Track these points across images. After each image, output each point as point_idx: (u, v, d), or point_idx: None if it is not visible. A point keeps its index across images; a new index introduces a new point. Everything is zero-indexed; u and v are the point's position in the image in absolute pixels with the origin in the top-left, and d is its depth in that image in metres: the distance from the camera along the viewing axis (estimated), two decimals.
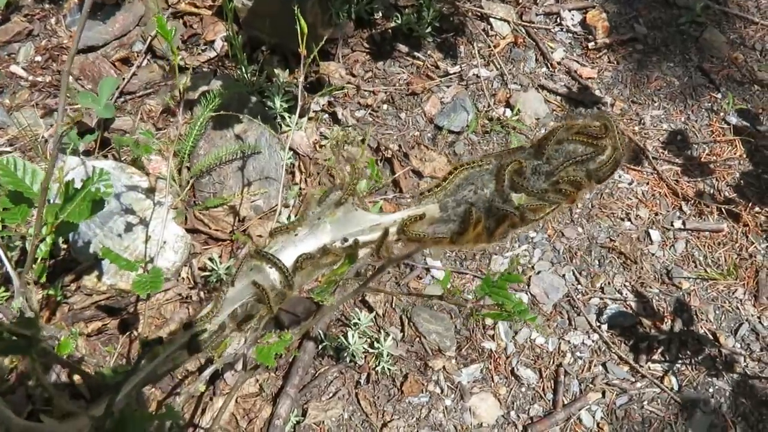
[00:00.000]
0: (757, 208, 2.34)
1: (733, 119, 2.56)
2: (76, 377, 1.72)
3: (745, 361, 2.07)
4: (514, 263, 2.15)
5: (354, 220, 0.88)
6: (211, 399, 1.86)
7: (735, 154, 2.48)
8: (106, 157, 2.18)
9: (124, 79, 2.38)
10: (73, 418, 0.83)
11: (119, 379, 0.78)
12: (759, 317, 2.14)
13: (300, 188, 2.21)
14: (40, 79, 2.37)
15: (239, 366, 1.89)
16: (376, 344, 1.96)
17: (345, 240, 0.89)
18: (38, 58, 2.42)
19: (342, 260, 0.96)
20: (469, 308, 1.15)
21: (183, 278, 2.03)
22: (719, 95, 2.63)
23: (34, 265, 1.49)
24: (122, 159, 2.17)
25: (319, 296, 1.00)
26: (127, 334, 1.93)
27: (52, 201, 1.51)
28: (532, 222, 0.88)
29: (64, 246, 2.00)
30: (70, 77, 2.36)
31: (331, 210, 0.88)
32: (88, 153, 2.19)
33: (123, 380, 0.78)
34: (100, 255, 1.26)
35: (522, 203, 0.87)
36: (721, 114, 2.58)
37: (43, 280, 1.58)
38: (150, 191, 2.02)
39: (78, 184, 1.48)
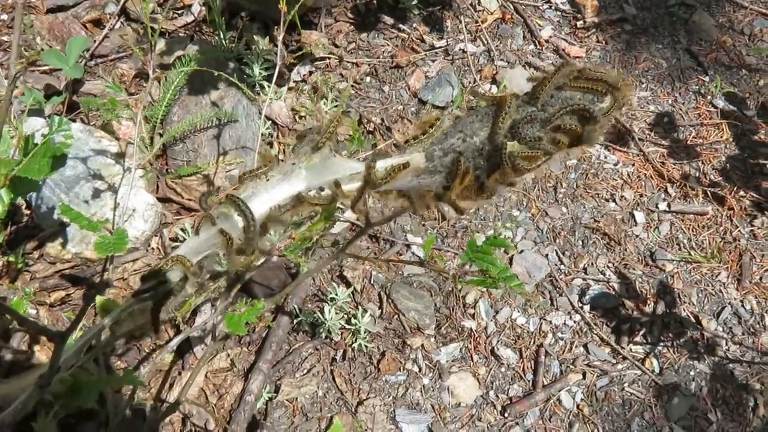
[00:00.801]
0: (742, 192, 2.31)
1: (721, 103, 2.53)
2: (37, 347, 1.63)
3: (726, 344, 2.04)
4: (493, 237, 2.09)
5: (332, 167, 0.81)
6: (179, 374, 1.78)
7: (721, 137, 2.45)
8: (74, 121, 2.08)
9: (95, 41, 2.27)
10: (18, 377, 0.75)
11: (62, 331, 0.70)
12: (741, 301, 2.11)
13: (277, 158, 2.13)
14: (5, 38, 2.25)
15: (209, 340, 1.82)
16: (353, 320, 1.90)
17: (321, 189, 0.81)
18: (4, 17, 2.30)
19: (317, 215, 0.88)
20: (451, 276, 1.08)
21: (153, 248, 1.94)
22: (707, 78, 2.60)
23: None
24: (91, 123, 2.07)
25: (292, 254, 0.93)
26: (92, 305, 1.84)
27: (10, 157, 1.41)
28: (524, 173, 0.81)
29: (27, 211, 1.90)
30: (37, 38, 2.25)
31: (308, 155, 0.81)
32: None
33: (66, 333, 0.70)
34: (60, 212, 1.17)
35: (514, 152, 0.81)
36: (709, 97, 2.55)
37: (1, 240, 1.49)
38: (119, 156, 1.92)
39: (39, 141, 1.39)
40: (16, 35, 0.92)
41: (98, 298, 1.22)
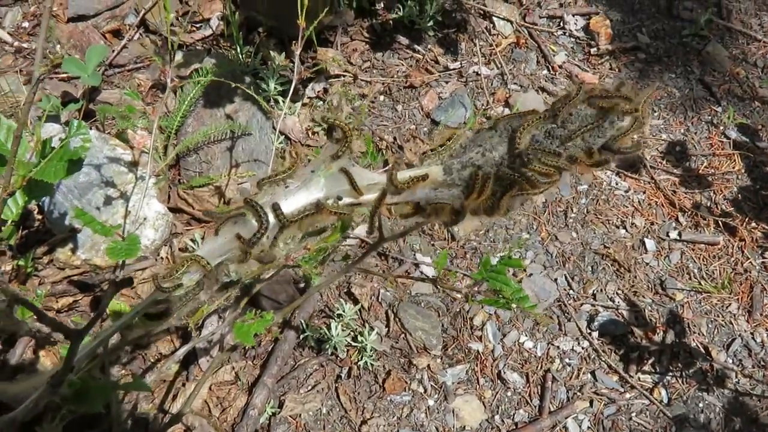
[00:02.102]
0: (753, 224, 2.29)
1: (733, 134, 2.53)
2: (42, 352, 1.63)
3: (736, 377, 2.01)
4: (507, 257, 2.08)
5: (347, 176, 0.81)
6: (183, 385, 1.77)
7: (733, 168, 2.44)
8: (89, 128, 2.09)
9: (113, 51, 2.30)
10: (31, 376, 0.75)
11: (79, 329, 0.69)
12: (752, 333, 2.08)
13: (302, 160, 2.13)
14: (25, 45, 2.28)
15: (215, 352, 1.80)
16: (359, 338, 1.89)
17: (339, 198, 0.81)
18: (25, 24, 2.33)
19: (332, 227, 0.88)
20: (463, 294, 1.07)
21: (162, 258, 1.94)
22: (719, 109, 2.60)
23: (3, 227, 1.40)
24: (106, 132, 2.09)
25: (307, 264, 0.93)
26: (93, 325, 1.83)
27: (27, 160, 1.42)
28: (541, 189, 0.81)
29: (39, 216, 1.90)
30: (57, 46, 2.28)
31: (327, 164, 0.81)
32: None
33: (83, 330, 0.70)
34: (73, 216, 1.18)
35: (533, 167, 0.80)
36: (721, 128, 2.55)
37: (13, 243, 1.49)
38: (133, 165, 1.93)
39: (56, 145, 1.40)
40: (42, 37, 0.93)
41: (112, 303, 1.22)
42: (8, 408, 0.86)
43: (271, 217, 0.80)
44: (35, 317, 1.46)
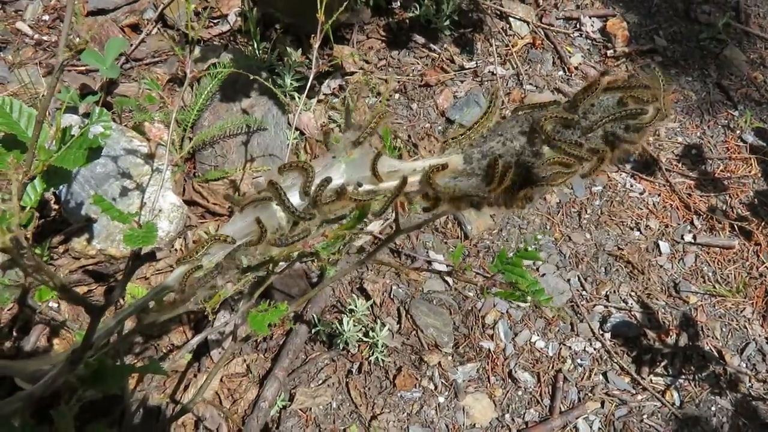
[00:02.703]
0: None
1: (750, 138, 2.51)
2: (56, 340, 1.64)
3: (749, 381, 1.99)
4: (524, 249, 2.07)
5: (370, 161, 0.81)
6: (195, 376, 1.78)
7: (750, 172, 2.42)
8: None
9: (132, 45, 2.32)
10: (49, 354, 0.75)
11: (100, 306, 0.70)
12: (766, 338, 2.07)
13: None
14: (45, 38, 2.30)
15: (227, 344, 1.81)
16: (371, 333, 1.89)
17: (359, 184, 0.81)
18: (45, 17, 2.36)
19: (351, 214, 0.88)
20: (478, 287, 1.07)
21: (176, 250, 1.95)
22: (736, 113, 2.58)
23: (21, 213, 1.40)
24: (123, 124, 2.10)
25: (325, 251, 0.93)
26: (114, 302, 1.84)
27: (47, 148, 1.43)
28: (562, 180, 0.81)
29: (56, 206, 1.92)
30: (77, 38, 2.29)
31: (348, 150, 0.81)
32: (87, 115, 2.11)
33: (104, 307, 0.70)
34: (91, 202, 1.18)
35: (554, 158, 0.80)
36: (738, 131, 2.53)
37: (30, 228, 1.50)
38: (149, 157, 1.95)
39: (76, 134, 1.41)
40: (67, 21, 0.94)
41: (129, 285, 1.22)
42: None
43: (296, 200, 0.80)
44: (57, 297, 1.47)
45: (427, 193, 0.86)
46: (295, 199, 0.78)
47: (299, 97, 2.25)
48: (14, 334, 1.70)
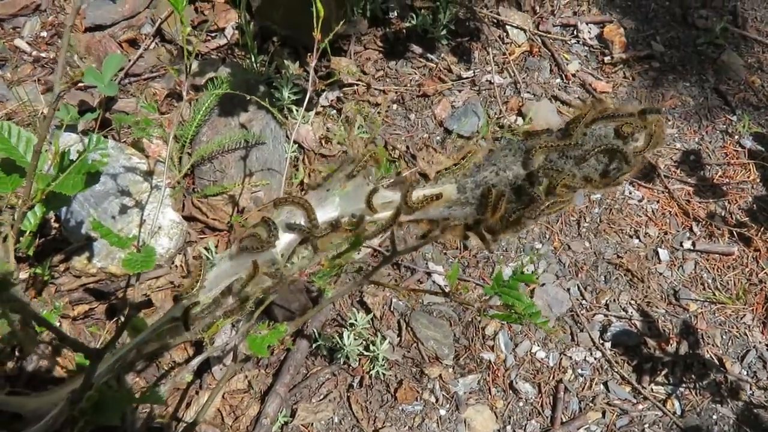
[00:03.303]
0: None
1: (748, 143, 2.51)
2: (58, 359, 1.65)
3: (750, 389, 2.00)
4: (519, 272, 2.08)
5: (365, 195, 0.82)
6: (197, 393, 1.79)
7: (748, 177, 2.42)
8: (105, 137, 2.11)
9: (129, 60, 2.32)
10: (49, 391, 0.76)
11: (99, 349, 0.70)
12: (767, 345, 2.07)
13: (303, 182, 2.15)
14: (44, 54, 2.31)
15: (228, 361, 1.82)
16: (371, 347, 1.89)
17: (353, 216, 0.82)
18: (44, 34, 2.37)
19: (347, 244, 0.89)
20: (475, 308, 1.08)
21: (176, 266, 1.96)
22: (734, 118, 2.58)
23: (21, 238, 1.42)
24: (122, 141, 2.11)
25: (321, 281, 0.93)
26: (115, 319, 1.85)
27: (45, 172, 1.44)
28: (557, 209, 0.81)
29: (56, 225, 1.93)
30: (75, 56, 2.31)
31: (342, 183, 0.81)
32: (87, 133, 2.12)
33: (103, 350, 0.71)
34: (90, 228, 1.19)
35: (546, 188, 0.81)
36: (736, 137, 2.53)
37: (30, 253, 1.51)
38: (148, 174, 1.95)
39: (74, 157, 1.42)
40: (62, 56, 0.95)
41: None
42: (23, 419, 0.87)
43: (285, 237, 0.81)
44: (59, 317, 1.48)
45: (422, 221, 0.87)
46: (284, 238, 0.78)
47: (297, 110, 2.26)
48: (16, 353, 1.71)
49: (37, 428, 0.68)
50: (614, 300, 2.13)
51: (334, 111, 2.37)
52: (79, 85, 2.26)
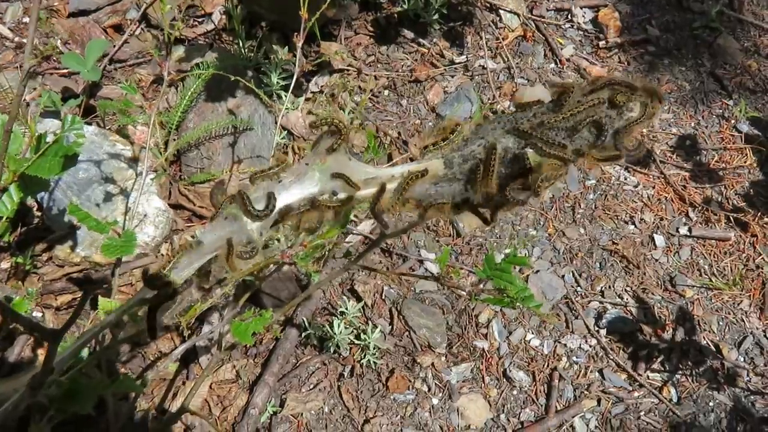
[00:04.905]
0: (766, 219, 2.24)
1: (745, 127, 2.48)
2: (40, 350, 1.61)
3: (747, 375, 1.97)
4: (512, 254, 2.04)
5: (346, 170, 0.78)
6: (183, 383, 1.75)
7: (745, 162, 2.39)
8: (90, 124, 2.07)
9: (114, 46, 2.27)
10: (11, 377, 0.72)
11: (56, 330, 0.66)
12: (764, 331, 2.04)
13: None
14: (26, 41, 2.25)
15: (215, 350, 1.78)
16: (362, 336, 1.86)
17: (335, 193, 0.78)
18: (26, 20, 2.31)
19: (330, 223, 0.85)
20: (467, 293, 1.04)
21: (163, 255, 1.92)
22: (731, 102, 2.55)
23: None
24: (107, 128, 2.06)
25: (303, 261, 0.89)
26: (68, 327, 1.80)
27: (22, 156, 1.39)
28: (547, 183, 0.77)
29: (38, 213, 1.88)
30: (59, 41, 2.25)
31: (322, 157, 0.77)
32: None
33: (60, 331, 0.67)
34: (68, 212, 1.15)
35: (537, 161, 0.77)
36: (732, 121, 2.50)
37: (9, 240, 1.47)
38: (133, 161, 1.91)
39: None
40: (32, 29, 0.90)
41: (101, 301, 1.19)
42: None
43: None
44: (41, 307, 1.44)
45: (408, 200, 0.83)
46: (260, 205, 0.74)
47: (286, 96, 2.21)
48: None
49: None
50: (609, 287, 2.10)
51: (325, 91, 2.33)
52: (63, 71, 2.21)
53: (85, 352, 1.23)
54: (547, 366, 1.94)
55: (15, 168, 1.18)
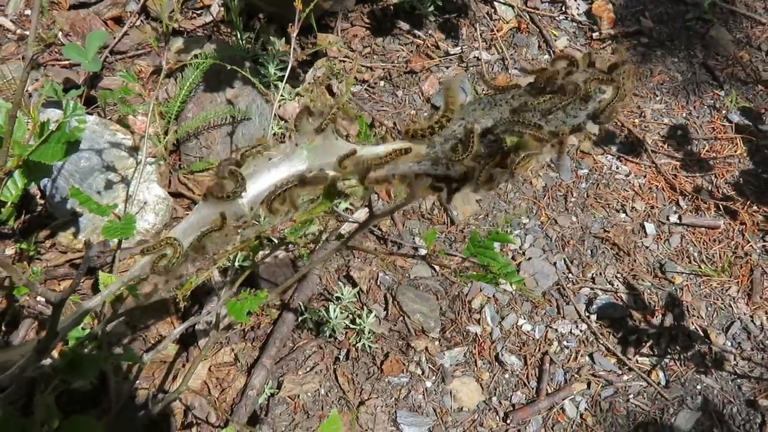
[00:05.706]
0: (755, 207, 2.28)
1: (735, 117, 2.51)
2: (44, 333, 1.65)
3: (735, 359, 2.01)
4: (495, 232, 2.09)
5: (333, 149, 0.82)
6: (183, 366, 1.80)
7: (735, 152, 2.43)
8: (90, 114, 2.11)
9: (115, 37, 2.31)
10: (18, 345, 0.76)
11: (62, 297, 0.71)
12: (751, 316, 2.08)
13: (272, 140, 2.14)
14: (28, 32, 2.29)
15: (213, 331, 1.82)
16: (357, 320, 1.90)
17: (322, 170, 0.82)
18: (28, 12, 2.35)
19: (319, 198, 0.89)
20: (452, 269, 1.08)
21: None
22: (722, 93, 2.58)
23: (2, 209, 1.42)
24: (107, 117, 2.11)
25: (293, 236, 0.94)
26: (70, 295, 1.85)
27: (26, 143, 1.44)
28: (524, 163, 0.82)
29: (41, 201, 1.93)
30: (59, 33, 2.30)
31: (310, 136, 0.81)
32: None
33: (65, 297, 0.71)
34: (69, 194, 1.19)
35: (514, 141, 0.81)
36: (723, 111, 2.53)
37: (14, 225, 1.51)
38: (133, 149, 1.95)
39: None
40: (35, 15, 0.94)
41: (101, 275, 1.23)
42: None
43: (260, 187, 0.81)
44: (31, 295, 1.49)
45: (395, 177, 0.87)
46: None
47: (284, 86, 2.25)
48: (3, 328, 1.71)
49: (2, 378, 0.68)
50: (600, 273, 2.14)
51: (313, 80, 2.36)
52: (65, 62, 2.25)
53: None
54: (539, 350, 1.99)
55: (20, 153, 1.22)
